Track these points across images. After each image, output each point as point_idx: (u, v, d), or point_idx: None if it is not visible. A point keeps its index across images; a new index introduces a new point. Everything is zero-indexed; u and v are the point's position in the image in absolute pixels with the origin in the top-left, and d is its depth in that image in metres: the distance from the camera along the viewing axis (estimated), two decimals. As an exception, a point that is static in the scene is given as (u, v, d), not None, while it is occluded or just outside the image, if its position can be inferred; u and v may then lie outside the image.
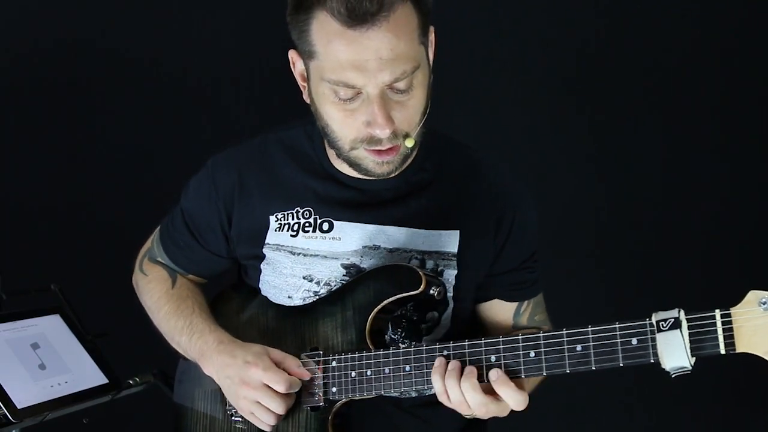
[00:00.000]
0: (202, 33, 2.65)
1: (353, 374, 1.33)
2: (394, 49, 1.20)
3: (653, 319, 1.12)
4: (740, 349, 1.06)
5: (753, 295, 1.06)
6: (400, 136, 1.27)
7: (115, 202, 2.58)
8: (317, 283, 1.43)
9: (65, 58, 2.58)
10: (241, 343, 1.40)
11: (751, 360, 1.07)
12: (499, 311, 1.51)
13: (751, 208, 2.71)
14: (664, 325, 1.11)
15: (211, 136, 2.59)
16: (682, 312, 1.11)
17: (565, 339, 1.18)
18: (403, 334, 1.40)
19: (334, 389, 1.35)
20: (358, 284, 1.38)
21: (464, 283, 1.44)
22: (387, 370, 1.30)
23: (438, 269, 1.42)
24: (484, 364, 1.23)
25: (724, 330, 1.07)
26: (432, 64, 1.32)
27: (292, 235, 1.43)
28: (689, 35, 2.69)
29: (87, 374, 1.64)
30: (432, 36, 1.31)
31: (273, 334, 1.44)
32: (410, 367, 1.29)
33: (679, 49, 2.70)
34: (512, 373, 1.21)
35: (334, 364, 1.35)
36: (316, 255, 1.42)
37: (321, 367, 1.36)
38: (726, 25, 2.68)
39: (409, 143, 1.29)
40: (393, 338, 1.39)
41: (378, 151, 1.28)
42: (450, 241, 1.42)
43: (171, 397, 1.61)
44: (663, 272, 2.71)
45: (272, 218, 1.45)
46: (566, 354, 1.17)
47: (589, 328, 1.16)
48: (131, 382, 1.67)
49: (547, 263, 1.57)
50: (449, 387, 1.23)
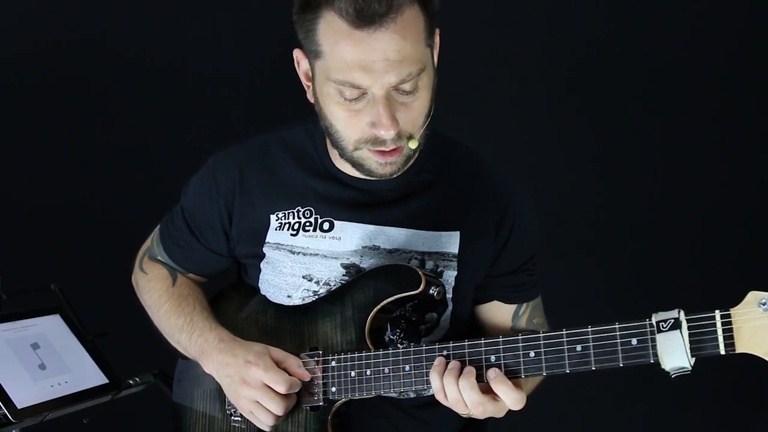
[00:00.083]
0: (202, 33, 2.65)
1: (353, 374, 1.33)
2: (401, 50, 1.20)
3: (653, 320, 1.12)
4: (740, 349, 1.07)
5: (753, 296, 1.06)
6: (404, 138, 1.27)
7: (115, 202, 2.58)
8: (317, 283, 1.43)
9: (65, 58, 2.58)
10: (242, 341, 1.40)
11: (751, 360, 1.07)
12: (498, 313, 1.51)
13: (750, 208, 2.71)
14: (664, 326, 1.11)
15: (211, 135, 2.57)
16: (682, 312, 1.11)
17: (564, 339, 1.18)
18: (402, 334, 1.40)
19: (333, 389, 1.34)
20: (358, 284, 1.38)
21: (464, 284, 1.44)
22: (386, 370, 1.30)
23: (438, 270, 1.42)
24: (483, 364, 1.23)
25: (724, 330, 1.07)
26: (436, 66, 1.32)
27: (292, 234, 1.43)
28: (689, 35, 2.69)
29: (87, 374, 1.64)
30: (437, 38, 1.31)
31: (272, 334, 1.44)
32: (410, 367, 1.29)
33: (679, 49, 2.70)
34: (512, 373, 1.21)
35: (333, 363, 1.35)
36: (316, 254, 1.42)
37: (320, 366, 1.36)
38: (726, 25, 2.68)
39: (413, 145, 1.29)
40: (392, 339, 1.39)
41: (382, 152, 1.28)
42: (450, 242, 1.42)
43: (171, 396, 1.61)
44: (663, 273, 2.71)
45: (273, 217, 1.45)
46: (566, 354, 1.18)
47: (589, 329, 1.17)
48: (131, 382, 1.67)
49: (547, 263, 1.57)
50: (447, 385, 1.23)
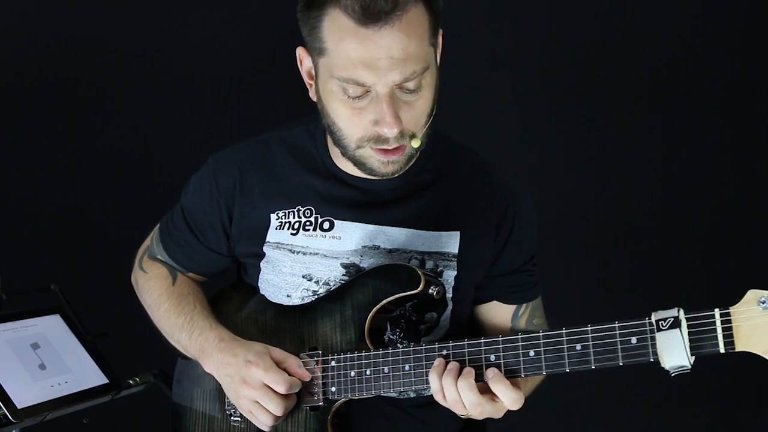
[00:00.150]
0: (202, 33, 2.65)
1: (352, 374, 1.33)
2: (405, 48, 1.20)
3: (653, 318, 1.12)
4: (739, 348, 1.07)
5: (752, 294, 1.06)
6: (406, 136, 1.27)
7: (115, 201, 2.58)
8: (316, 283, 1.43)
9: (65, 58, 2.58)
10: (242, 341, 1.40)
11: (751, 359, 1.07)
12: (497, 313, 1.51)
13: (751, 208, 2.71)
14: (664, 324, 1.11)
15: (211, 135, 2.59)
16: (681, 311, 1.11)
17: (564, 338, 1.18)
18: (402, 334, 1.40)
19: (333, 389, 1.34)
20: (357, 283, 1.37)
21: (464, 284, 1.44)
22: (386, 370, 1.30)
23: (437, 270, 1.41)
24: (483, 363, 1.23)
25: (724, 329, 1.07)
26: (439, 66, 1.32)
27: (292, 234, 1.43)
28: (689, 35, 2.69)
29: (87, 374, 1.64)
30: (440, 38, 1.31)
31: (272, 333, 1.44)
32: (409, 366, 1.29)
33: (679, 49, 2.70)
34: (512, 372, 1.21)
35: (333, 363, 1.35)
36: (316, 254, 1.42)
37: (320, 366, 1.36)
38: (726, 25, 2.68)
39: (415, 144, 1.29)
40: (391, 338, 1.39)
41: (384, 151, 1.28)
42: (450, 242, 1.42)
43: (171, 396, 1.61)
44: (663, 272, 2.71)
45: (273, 216, 1.45)
46: (566, 353, 1.18)
47: (588, 327, 1.17)
48: (131, 382, 1.67)
49: (547, 263, 1.57)
50: (446, 386, 1.22)
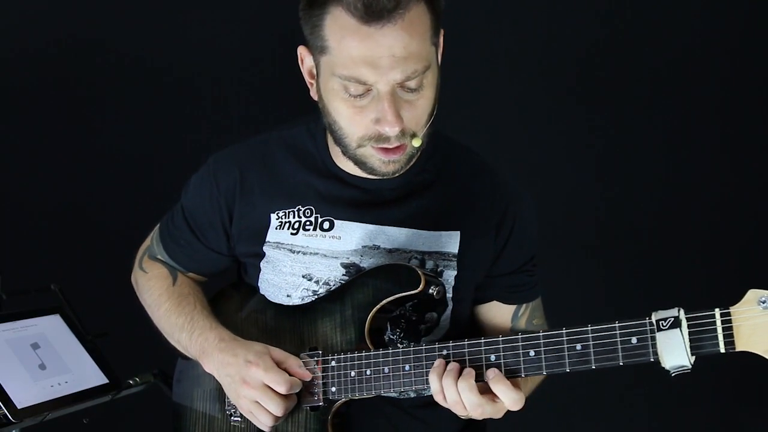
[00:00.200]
0: (201, 33, 2.65)
1: (352, 374, 1.33)
2: (407, 47, 1.20)
3: (653, 318, 1.12)
4: (740, 347, 1.07)
5: (752, 294, 1.06)
6: (407, 135, 1.27)
7: (115, 201, 2.58)
8: (316, 282, 1.43)
9: (65, 58, 2.58)
10: (242, 341, 1.39)
11: (751, 359, 1.07)
12: (497, 313, 1.50)
13: (751, 208, 2.71)
14: (664, 324, 1.11)
15: (211, 135, 2.59)
16: (681, 311, 1.11)
17: (564, 338, 1.18)
18: (402, 334, 1.39)
19: (333, 389, 1.34)
20: (358, 283, 1.37)
21: (464, 283, 1.44)
22: (386, 370, 1.30)
23: (438, 269, 1.41)
24: (483, 363, 1.23)
25: (724, 329, 1.07)
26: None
27: (292, 233, 1.43)
28: (689, 35, 2.69)
29: (87, 374, 1.64)
30: (441, 39, 1.31)
31: (272, 333, 1.44)
32: (409, 366, 1.29)
33: (679, 49, 2.70)
34: (512, 372, 1.21)
35: (333, 363, 1.35)
36: (316, 253, 1.42)
37: (320, 366, 1.36)
38: (726, 25, 2.68)
39: (416, 143, 1.28)
40: (392, 338, 1.39)
41: (385, 150, 1.28)
42: (450, 241, 1.42)
43: (171, 396, 1.61)
44: (663, 271, 2.71)
45: (273, 216, 1.45)
46: (566, 353, 1.17)
47: (588, 327, 1.16)
48: (131, 382, 1.67)
49: (547, 263, 1.57)
50: (446, 387, 1.22)
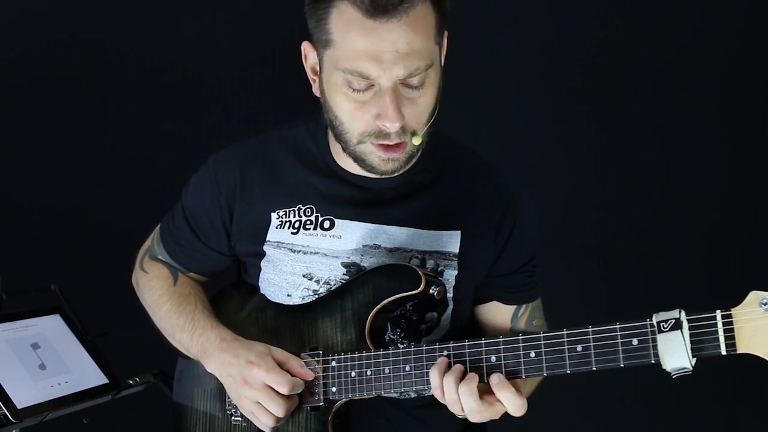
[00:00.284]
0: (201, 32, 2.65)
1: (353, 374, 1.33)
2: (411, 43, 1.20)
3: (654, 320, 1.12)
4: (741, 349, 1.06)
5: (754, 296, 1.06)
6: (408, 133, 1.27)
7: (115, 201, 2.57)
8: (317, 282, 1.42)
9: (65, 57, 2.58)
10: (244, 341, 1.39)
11: (752, 361, 1.07)
12: (497, 314, 1.50)
13: (751, 208, 2.71)
14: (665, 326, 1.10)
15: (211, 135, 2.59)
16: (682, 313, 1.10)
17: (565, 339, 1.18)
18: (402, 334, 1.39)
19: (333, 389, 1.34)
20: (358, 283, 1.37)
21: (464, 283, 1.44)
22: (387, 370, 1.30)
23: (438, 269, 1.41)
24: (484, 364, 1.23)
25: (725, 331, 1.07)
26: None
27: (292, 233, 1.43)
28: (689, 35, 2.69)
29: (87, 374, 1.64)
30: (445, 39, 1.31)
31: (272, 333, 1.44)
32: (410, 367, 1.28)
33: (679, 49, 2.70)
34: (512, 373, 1.21)
35: (333, 363, 1.35)
36: (316, 253, 1.42)
37: (321, 366, 1.35)
38: (726, 25, 2.68)
39: (416, 141, 1.28)
40: (392, 338, 1.39)
41: (385, 147, 1.28)
42: (451, 241, 1.42)
43: (171, 396, 1.61)
44: (663, 272, 2.71)
45: (274, 215, 1.44)
46: (567, 354, 1.17)
47: (589, 329, 1.16)
48: (131, 382, 1.67)
49: (547, 263, 1.57)
50: (446, 385, 1.22)
